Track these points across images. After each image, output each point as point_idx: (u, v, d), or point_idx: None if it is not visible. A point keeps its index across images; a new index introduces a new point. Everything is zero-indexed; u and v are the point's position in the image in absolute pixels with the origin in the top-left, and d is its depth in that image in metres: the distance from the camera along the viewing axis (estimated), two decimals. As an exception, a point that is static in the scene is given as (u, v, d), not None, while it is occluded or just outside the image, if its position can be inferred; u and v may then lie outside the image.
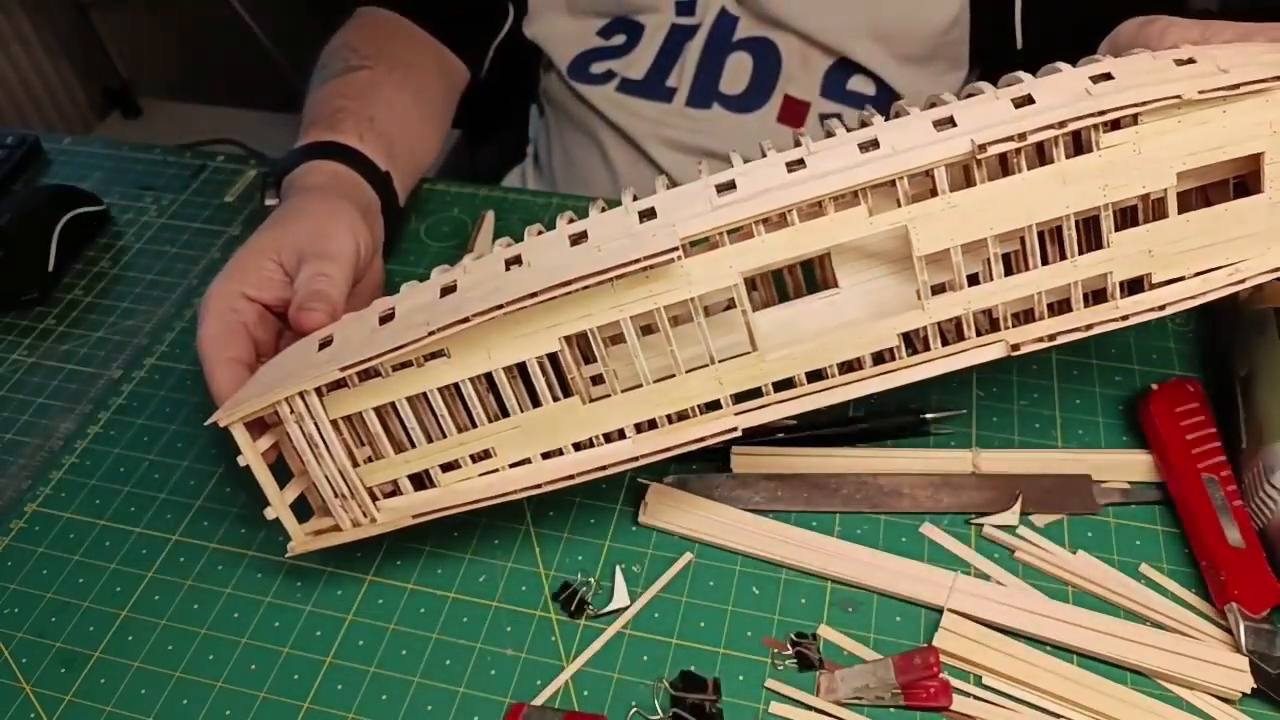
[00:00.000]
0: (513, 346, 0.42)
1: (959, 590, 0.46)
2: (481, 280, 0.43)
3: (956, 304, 0.43)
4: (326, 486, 0.45)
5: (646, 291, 0.41)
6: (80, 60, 1.53)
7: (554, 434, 0.44)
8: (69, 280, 0.67)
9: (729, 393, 0.43)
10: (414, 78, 0.69)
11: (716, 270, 0.41)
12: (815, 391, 0.44)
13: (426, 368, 0.43)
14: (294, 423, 0.44)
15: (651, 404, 0.44)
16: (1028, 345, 0.43)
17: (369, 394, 0.43)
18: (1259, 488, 0.46)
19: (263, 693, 0.45)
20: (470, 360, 0.42)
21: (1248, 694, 0.42)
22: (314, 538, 0.47)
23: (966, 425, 0.54)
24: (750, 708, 0.43)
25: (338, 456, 0.44)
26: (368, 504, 0.45)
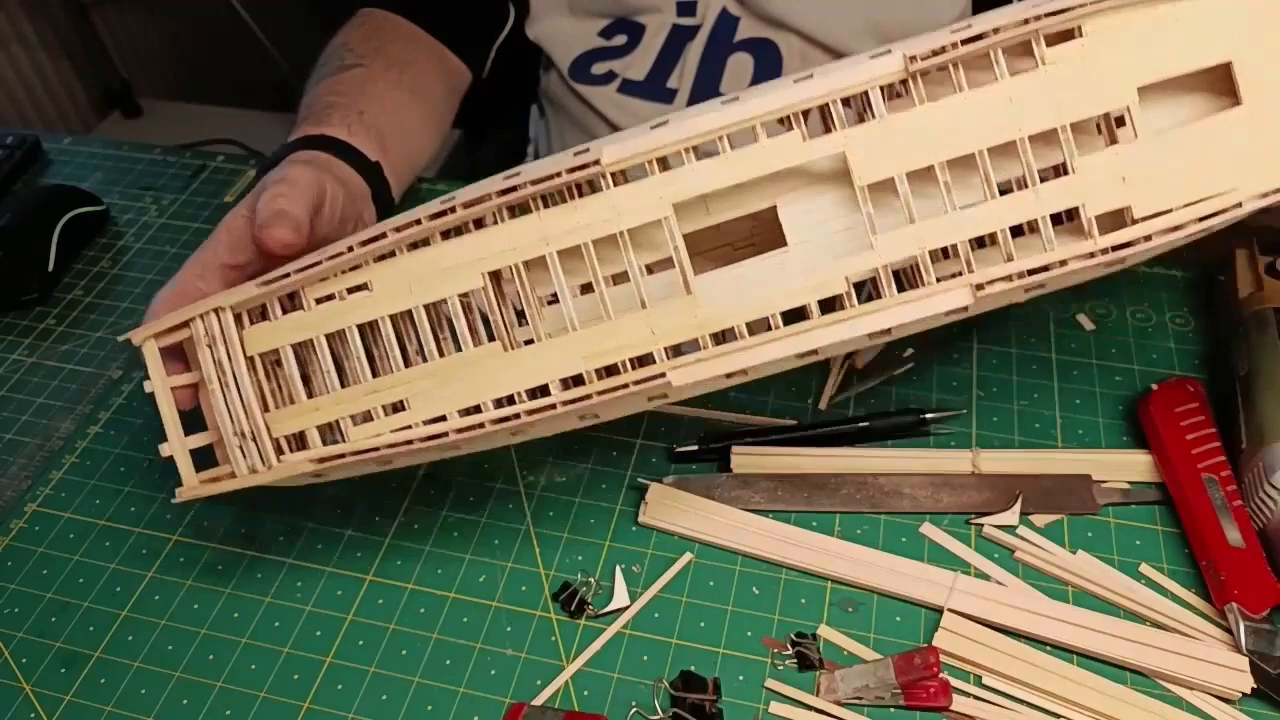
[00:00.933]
0: (436, 281, 0.40)
1: (959, 590, 0.46)
2: (410, 218, 0.41)
3: (909, 241, 0.38)
4: (228, 422, 0.42)
5: (574, 222, 0.39)
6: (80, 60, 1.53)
7: (473, 385, 0.41)
8: (69, 280, 0.67)
9: (662, 344, 0.40)
10: (410, 75, 0.69)
11: (646, 200, 0.39)
12: (758, 345, 0.39)
13: (348, 301, 0.41)
14: (205, 345, 0.42)
15: (579, 354, 0.40)
16: (994, 284, 0.38)
17: (288, 329, 0.42)
18: (1259, 487, 0.46)
19: (263, 693, 0.45)
20: (391, 294, 0.41)
21: (1248, 694, 0.42)
22: (205, 485, 0.44)
23: (966, 425, 0.54)
24: (750, 708, 0.43)
25: (244, 389, 0.42)
26: (269, 451, 0.42)
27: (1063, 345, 0.58)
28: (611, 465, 0.53)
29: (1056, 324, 0.59)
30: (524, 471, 0.53)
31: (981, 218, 0.38)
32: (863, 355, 0.57)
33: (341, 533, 0.51)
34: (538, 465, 0.53)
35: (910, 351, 0.57)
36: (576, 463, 0.53)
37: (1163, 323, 0.59)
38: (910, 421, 0.53)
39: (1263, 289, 0.53)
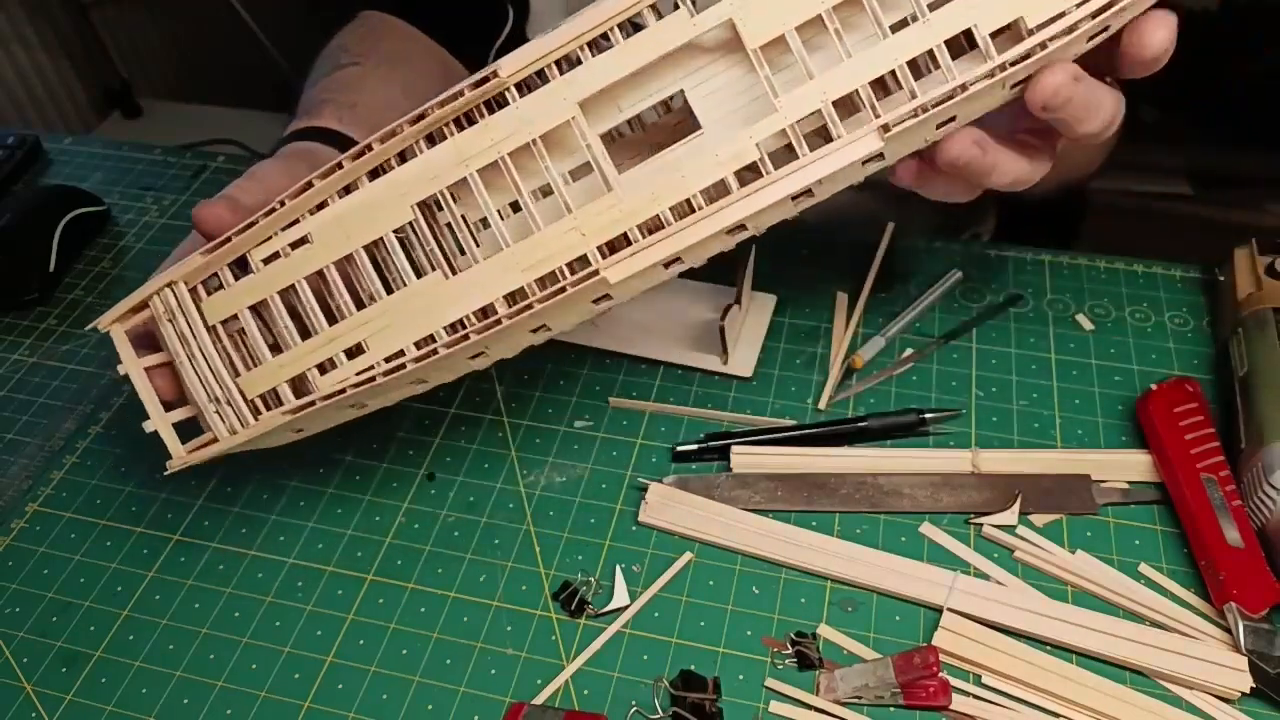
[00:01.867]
0: (369, 221, 0.41)
1: (958, 590, 0.46)
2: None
3: (811, 96, 0.38)
4: (201, 390, 0.44)
5: (488, 140, 0.40)
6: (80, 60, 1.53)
7: (424, 317, 0.42)
8: (70, 280, 0.68)
9: (594, 244, 0.40)
10: (404, 73, 0.69)
11: (551, 104, 0.39)
12: (685, 227, 0.40)
13: (293, 257, 0.42)
14: (165, 320, 0.43)
15: (517, 268, 0.41)
16: (901, 122, 0.38)
17: (242, 293, 0.43)
18: (1258, 487, 0.46)
19: (263, 692, 0.45)
20: (331, 243, 0.42)
21: (1246, 693, 0.42)
22: (193, 453, 0.45)
23: (966, 425, 0.54)
24: (750, 707, 0.43)
25: (210, 356, 0.43)
26: (244, 412, 0.44)
27: (1062, 345, 0.58)
28: (611, 465, 0.53)
29: (1056, 324, 0.59)
30: (524, 471, 0.53)
31: (877, 58, 0.38)
32: (862, 355, 0.57)
33: (342, 533, 0.51)
34: (538, 465, 0.53)
35: (910, 352, 0.57)
36: (576, 463, 0.53)
37: (1162, 323, 0.59)
38: (910, 421, 0.53)
39: (1262, 289, 0.54)
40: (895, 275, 0.62)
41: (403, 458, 0.54)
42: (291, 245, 0.42)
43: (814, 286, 0.62)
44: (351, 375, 0.43)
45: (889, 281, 0.62)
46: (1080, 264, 0.63)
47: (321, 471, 0.54)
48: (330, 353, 0.43)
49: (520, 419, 0.56)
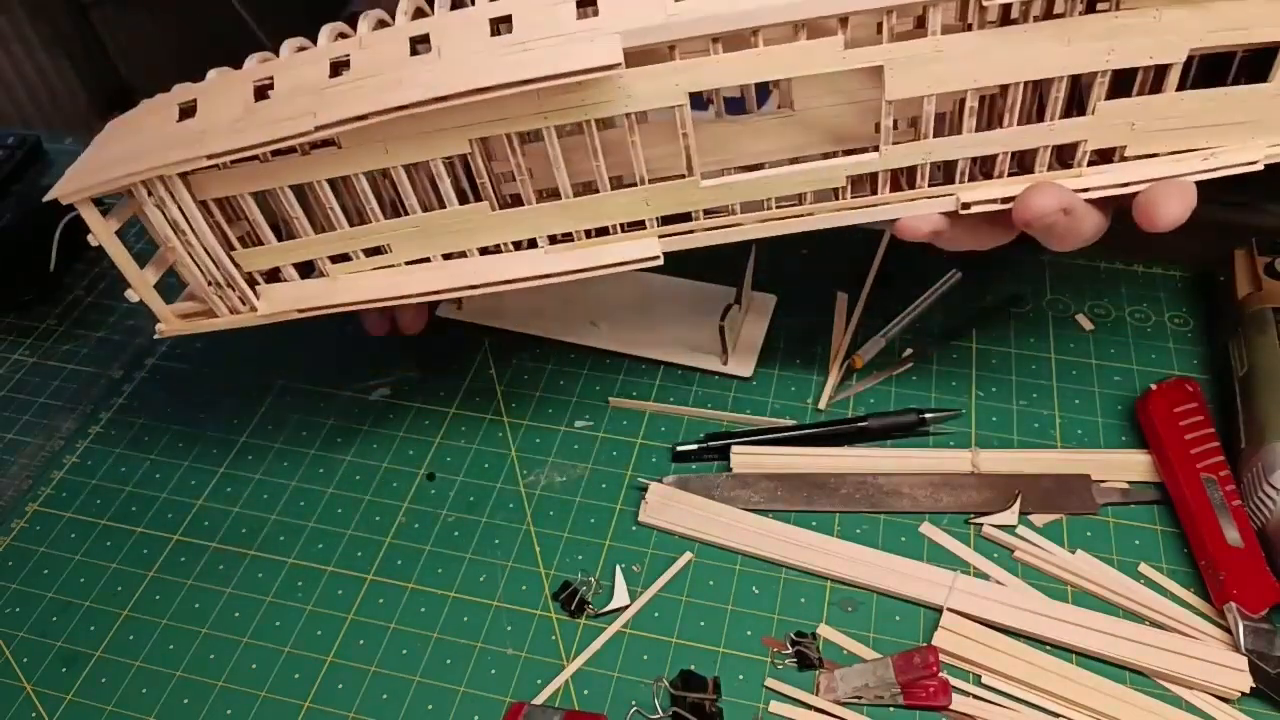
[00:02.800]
0: (415, 144, 0.38)
1: (958, 590, 0.46)
2: (380, 63, 0.37)
3: (916, 154, 0.40)
4: (198, 274, 0.41)
5: (578, 100, 0.37)
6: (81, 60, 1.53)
7: (458, 236, 0.40)
8: (70, 280, 0.68)
9: (656, 214, 0.40)
10: None
11: (660, 86, 0.37)
12: (748, 223, 0.41)
13: (312, 156, 0.39)
14: (153, 206, 0.40)
15: (569, 217, 0.40)
16: (979, 205, 0.40)
17: (244, 179, 0.39)
18: (1258, 487, 0.46)
19: (263, 692, 0.45)
20: (364, 155, 0.38)
21: (1246, 693, 0.42)
22: (187, 320, 0.43)
23: (966, 425, 0.54)
24: (750, 707, 0.43)
25: (208, 243, 0.40)
26: (247, 292, 0.42)
27: (1062, 345, 0.58)
28: (611, 465, 0.53)
29: (1056, 324, 0.59)
30: (524, 471, 0.53)
31: (993, 141, 0.39)
32: (862, 355, 0.57)
33: (342, 533, 0.51)
34: (538, 465, 0.53)
35: (909, 352, 0.57)
36: (576, 463, 0.53)
37: (1162, 323, 0.59)
38: (909, 421, 0.53)
39: (1262, 289, 0.54)
40: (895, 275, 0.62)
41: (403, 458, 0.54)
42: (312, 145, 0.38)
43: (814, 286, 0.62)
44: (369, 269, 0.41)
45: (889, 281, 0.62)
46: (1080, 264, 0.63)
47: (321, 471, 0.54)
48: (347, 248, 0.41)
49: (520, 419, 0.56)
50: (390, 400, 0.57)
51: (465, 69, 0.36)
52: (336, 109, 0.36)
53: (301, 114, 0.37)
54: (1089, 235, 0.43)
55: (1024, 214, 0.40)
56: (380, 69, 0.37)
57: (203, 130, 0.38)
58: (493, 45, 0.36)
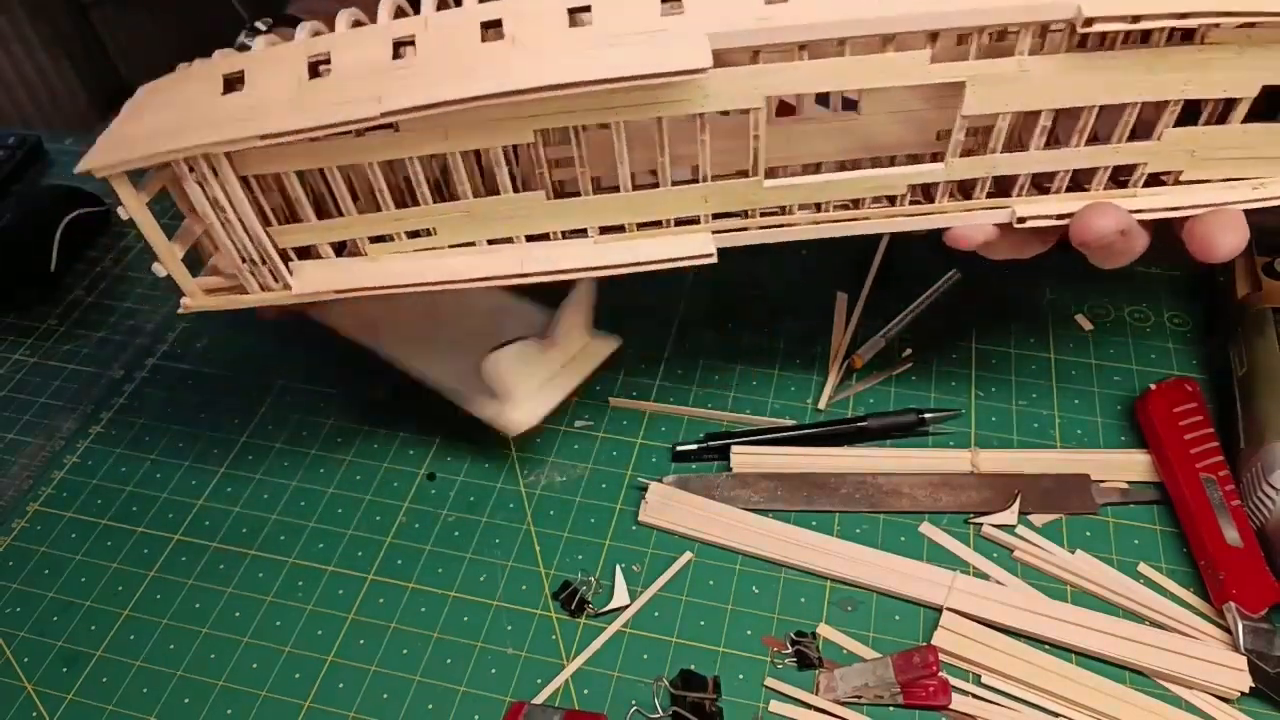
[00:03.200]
0: (478, 132, 0.36)
1: (958, 589, 0.46)
2: (449, 46, 0.36)
3: (980, 168, 0.40)
4: (233, 252, 0.39)
5: (654, 97, 0.36)
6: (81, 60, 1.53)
7: (509, 224, 0.39)
8: (71, 280, 0.68)
9: (712, 210, 0.40)
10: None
11: (739, 88, 0.36)
12: (802, 223, 0.41)
13: (367, 138, 0.37)
14: (194, 183, 0.38)
15: (626, 209, 0.39)
16: (1035, 220, 0.41)
17: (292, 157, 0.37)
18: (1257, 487, 0.46)
19: (264, 692, 0.45)
20: (423, 140, 0.37)
21: (1246, 693, 0.42)
22: (214, 296, 0.41)
23: (965, 425, 0.54)
24: (750, 706, 0.43)
25: (249, 222, 0.39)
26: (280, 269, 0.40)
27: (1061, 345, 0.58)
28: (611, 465, 0.53)
29: (1055, 324, 0.59)
30: (524, 471, 0.53)
31: (1057, 160, 0.40)
32: (862, 355, 0.57)
33: (343, 532, 0.51)
34: (538, 465, 0.54)
35: (909, 352, 0.58)
36: (576, 462, 0.53)
37: (1161, 323, 0.59)
38: (909, 421, 0.53)
39: (1261, 289, 0.54)
40: (895, 275, 0.62)
41: (403, 457, 0.54)
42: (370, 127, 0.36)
43: (814, 286, 0.62)
44: (410, 250, 0.40)
45: (889, 281, 0.62)
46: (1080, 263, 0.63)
47: (322, 471, 0.54)
48: (390, 230, 0.39)
49: (520, 419, 0.56)
50: (391, 400, 0.58)
51: (544, 62, 0.34)
52: (403, 95, 0.35)
53: (365, 97, 0.35)
54: (1137, 254, 0.43)
55: (1084, 234, 0.40)
56: (449, 53, 0.35)
57: (252, 106, 0.36)
58: (572, 37, 0.35)
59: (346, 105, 0.35)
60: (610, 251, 0.40)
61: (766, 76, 0.36)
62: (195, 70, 0.38)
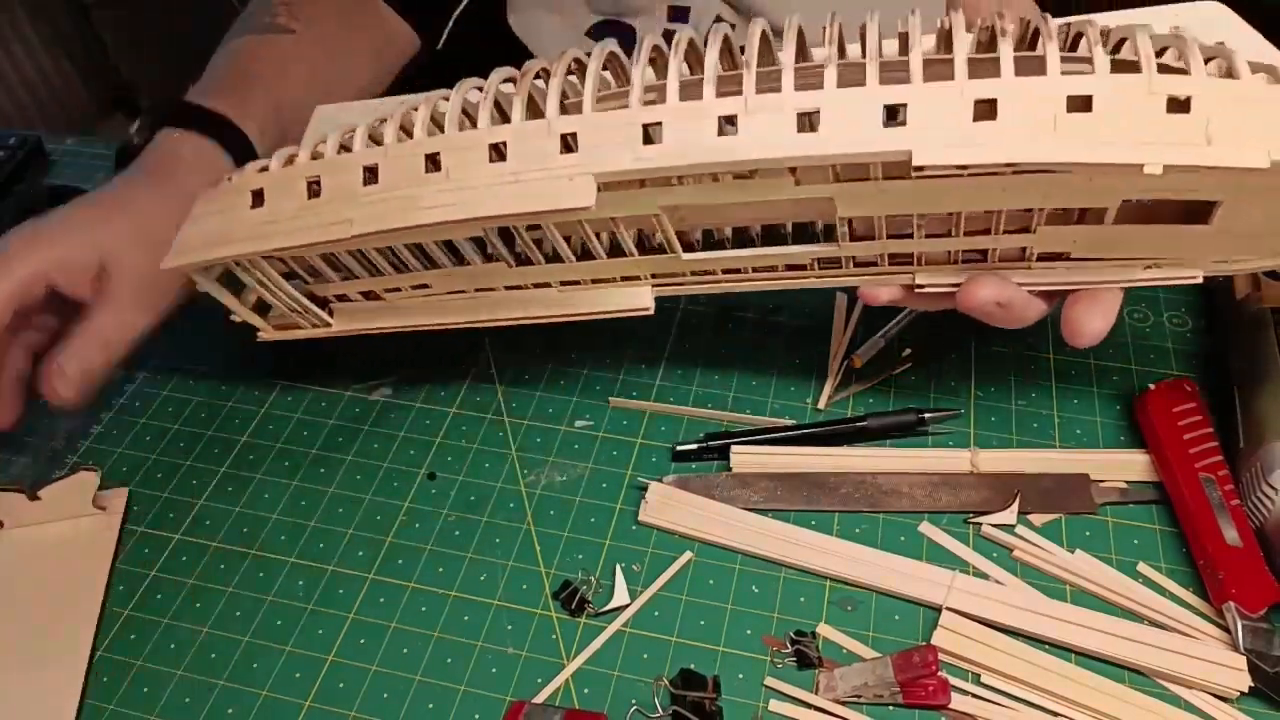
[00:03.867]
0: (440, 234, 0.46)
1: (957, 589, 0.46)
2: (401, 178, 0.44)
3: (873, 249, 0.45)
4: (284, 309, 0.52)
5: (561, 216, 0.43)
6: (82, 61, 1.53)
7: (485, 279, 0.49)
8: (71, 280, 0.68)
9: (649, 273, 0.48)
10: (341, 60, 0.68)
11: (638, 204, 0.43)
12: (728, 281, 0.48)
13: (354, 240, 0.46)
14: (242, 271, 0.49)
15: (574, 272, 0.48)
16: (930, 287, 0.46)
17: (309, 249, 0.47)
18: (1256, 487, 0.46)
19: (265, 691, 0.45)
20: (390, 240, 0.47)
21: (1245, 693, 0.42)
22: (281, 330, 0.54)
23: (965, 425, 0.54)
24: (750, 705, 0.43)
25: (286, 289, 0.50)
26: (320, 315, 0.52)
27: (1060, 345, 0.58)
28: (611, 465, 0.53)
29: (1055, 324, 0.59)
30: (524, 471, 0.53)
31: (941, 245, 0.44)
32: (861, 355, 0.57)
33: (343, 532, 0.51)
34: (538, 465, 0.54)
35: (909, 352, 0.58)
36: (576, 462, 0.54)
37: (1160, 323, 0.59)
38: (909, 421, 0.53)
39: (1260, 289, 0.54)
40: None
41: (404, 457, 0.55)
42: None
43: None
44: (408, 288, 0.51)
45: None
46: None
47: (323, 471, 0.54)
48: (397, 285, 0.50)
49: (520, 419, 0.56)
50: (391, 400, 0.58)
51: (469, 195, 0.42)
52: (368, 220, 0.44)
53: (341, 220, 0.45)
54: (1031, 320, 0.47)
55: (965, 302, 0.45)
56: (401, 184, 0.44)
57: (269, 222, 0.47)
58: (492, 173, 0.42)
59: (331, 227, 0.45)
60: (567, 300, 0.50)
61: (657, 195, 0.43)
62: (232, 185, 0.49)
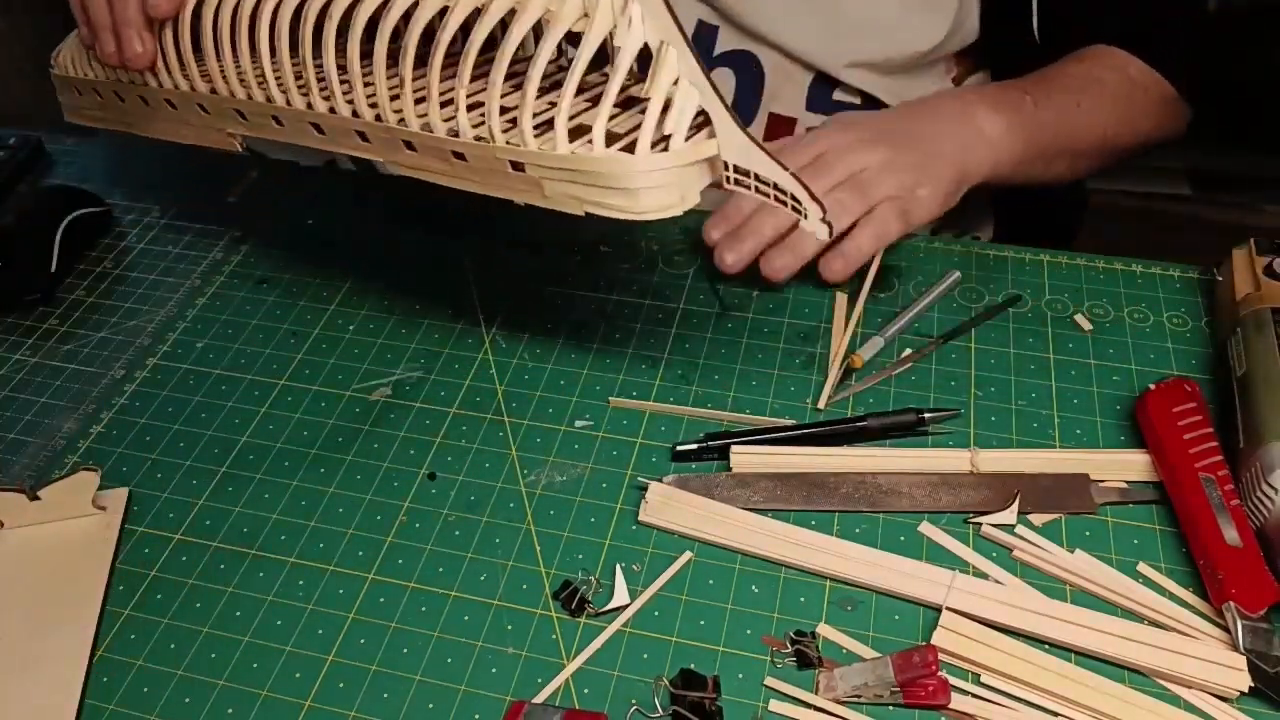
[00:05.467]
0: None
1: (957, 589, 0.46)
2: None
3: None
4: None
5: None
6: (82, 61, 1.53)
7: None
8: (72, 281, 0.68)
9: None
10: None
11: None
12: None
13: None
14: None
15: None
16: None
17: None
18: (1256, 487, 0.46)
19: (265, 691, 0.45)
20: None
21: (1245, 692, 0.42)
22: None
23: (965, 425, 0.54)
24: (750, 705, 0.43)
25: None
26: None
27: (1060, 345, 0.58)
28: (611, 465, 0.53)
29: (1055, 324, 0.59)
30: (524, 471, 0.53)
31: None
32: (861, 355, 0.57)
33: (343, 532, 0.51)
34: (538, 465, 0.54)
35: (909, 352, 0.58)
36: (576, 462, 0.54)
37: (1160, 323, 0.59)
38: (909, 421, 0.53)
39: (1260, 289, 0.54)
40: (894, 275, 0.62)
41: (404, 457, 0.55)
42: None
43: (814, 287, 0.62)
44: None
45: (888, 281, 0.62)
46: (1079, 264, 0.63)
47: (323, 471, 0.54)
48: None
49: (520, 419, 0.56)
50: (391, 400, 0.58)
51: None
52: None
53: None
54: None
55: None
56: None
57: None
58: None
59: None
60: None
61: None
62: None
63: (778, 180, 0.44)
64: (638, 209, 0.43)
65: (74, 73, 0.63)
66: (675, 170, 0.43)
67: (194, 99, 0.56)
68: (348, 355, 0.60)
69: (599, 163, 0.42)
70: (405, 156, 0.48)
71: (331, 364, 0.60)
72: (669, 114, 0.42)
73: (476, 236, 0.68)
